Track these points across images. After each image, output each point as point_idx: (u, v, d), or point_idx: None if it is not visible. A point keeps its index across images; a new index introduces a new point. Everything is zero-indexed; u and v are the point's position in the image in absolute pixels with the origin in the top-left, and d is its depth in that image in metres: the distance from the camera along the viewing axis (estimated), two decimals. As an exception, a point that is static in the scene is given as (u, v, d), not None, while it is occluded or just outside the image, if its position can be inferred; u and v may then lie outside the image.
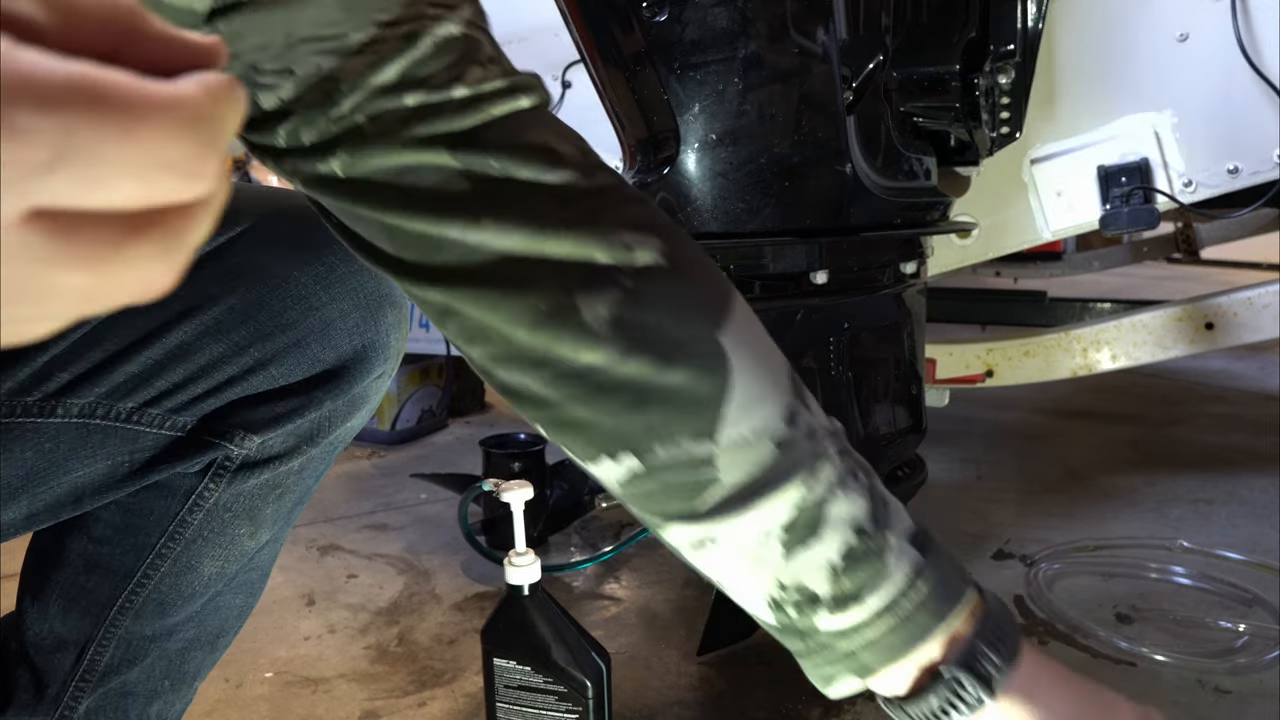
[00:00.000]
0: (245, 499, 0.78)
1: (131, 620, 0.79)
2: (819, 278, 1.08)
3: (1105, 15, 1.39)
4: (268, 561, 0.87)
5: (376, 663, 1.32)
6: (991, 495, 1.94)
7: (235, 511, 0.78)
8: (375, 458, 2.33)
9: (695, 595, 1.50)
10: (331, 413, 0.76)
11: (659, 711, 1.19)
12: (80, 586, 0.79)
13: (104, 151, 0.21)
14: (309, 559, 1.69)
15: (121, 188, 0.21)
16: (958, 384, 1.66)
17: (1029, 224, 1.50)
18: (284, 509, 0.82)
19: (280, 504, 0.81)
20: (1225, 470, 2.05)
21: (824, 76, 1.04)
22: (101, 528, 0.78)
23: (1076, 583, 1.52)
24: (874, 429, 1.19)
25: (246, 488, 0.77)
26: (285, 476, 0.79)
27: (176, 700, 0.87)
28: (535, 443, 1.72)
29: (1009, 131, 1.33)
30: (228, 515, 0.78)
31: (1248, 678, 1.22)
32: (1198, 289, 1.70)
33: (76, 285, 0.22)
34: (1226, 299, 1.51)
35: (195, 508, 0.76)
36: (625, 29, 0.99)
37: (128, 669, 0.81)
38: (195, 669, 0.86)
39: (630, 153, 1.07)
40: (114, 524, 0.78)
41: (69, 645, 0.79)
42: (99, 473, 0.71)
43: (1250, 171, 1.34)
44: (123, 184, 0.21)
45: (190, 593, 0.80)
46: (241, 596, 0.86)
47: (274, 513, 0.81)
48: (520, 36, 1.87)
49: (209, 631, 0.85)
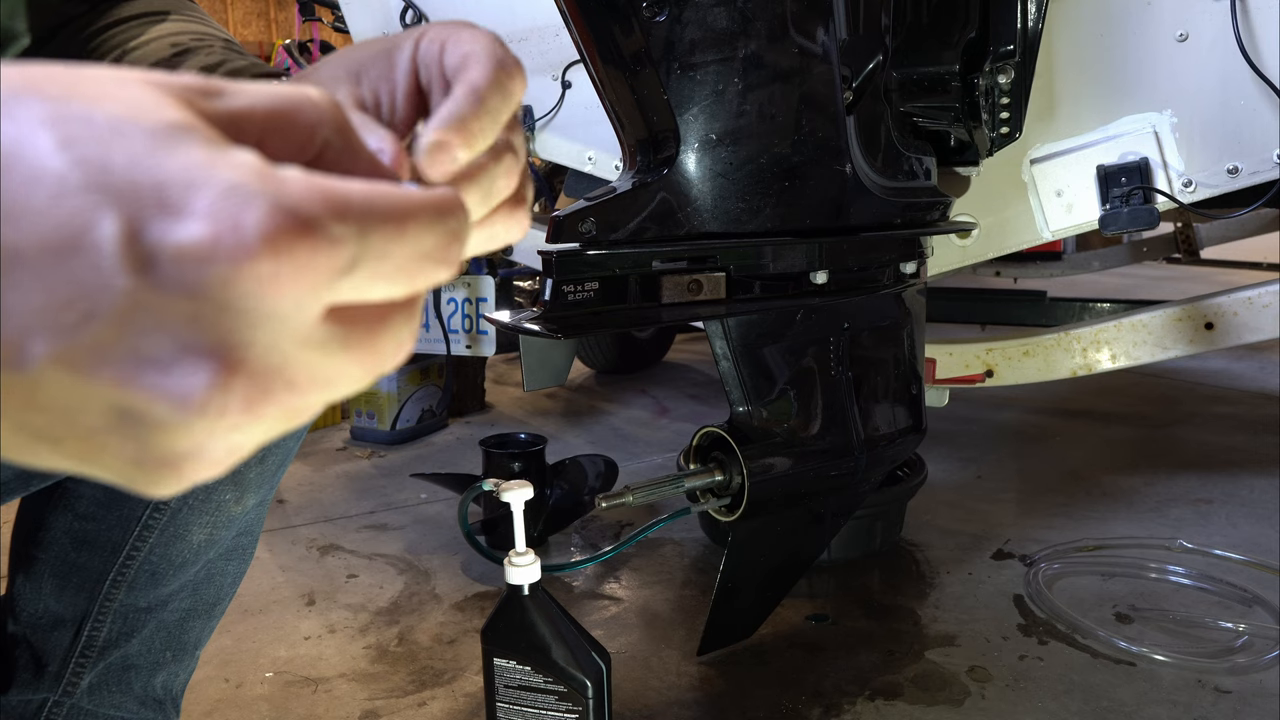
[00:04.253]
0: None
1: (125, 592, 0.80)
2: (819, 278, 1.08)
3: (1105, 15, 1.39)
4: (256, 525, 0.88)
5: (376, 662, 1.32)
6: (991, 495, 1.94)
7: (218, 477, 0.78)
8: (375, 458, 2.33)
9: (695, 595, 1.50)
10: None
11: (659, 711, 1.19)
12: (71, 563, 0.79)
13: (387, 250, 0.25)
14: (309, 559, 1.69)
15: (398, 279, 0.26)
16: (958, 384, 1.66)
17: (1029, 224, 1.50)
18: (267, 472, 0.82)
19: (263, 467, 0.81)
20: (1225, 470, 2.05)
21: (824, 76, 1.04)
22: (85, 504, 0.78)
23: (1076, 583, 1.52)
24: (874, 429, 1.19)
25: None
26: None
27: (180, 670, 0.87)
28: (535, 443, 1.72)
29: (1009, 131, 1.33)
30: (211, 481, 0.78)
31: (1247, 678, 1.22)
32: (1198, 289, 1.70)
33: (359, 371, 0.26)
34: (1226, 299, 1.51)
35: None
36: (625, 29, 0.99)
37: (126, 641, 0.82)
38: (195, 638, 0.87)
39: (630, 153, 1.07)
40: (98, 499, 0.78)
41: (66, 622, 0.80)
42: None
43: (1250, 171, 1.34)
44: (399, 276, 0.26)
45: (181, 561, 0.81)
46: (235, 563, 0.87)
47: (257, 476, 0.81)
48: (520, 36, 1.88)
49: (205, 600, 0.86)
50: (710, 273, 1.03)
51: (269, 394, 0.24)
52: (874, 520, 1.62)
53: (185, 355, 0.23)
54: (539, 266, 1.00)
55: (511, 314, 1.02)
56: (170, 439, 0.23)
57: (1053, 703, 1.17)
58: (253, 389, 0.24)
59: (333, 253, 0.24)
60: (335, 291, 0.24)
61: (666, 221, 1.01)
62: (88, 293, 0.22)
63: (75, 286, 0.22)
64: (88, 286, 0.22)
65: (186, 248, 0.22)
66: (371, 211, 0.25)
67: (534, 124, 1.92)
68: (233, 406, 0.23)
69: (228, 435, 0.24)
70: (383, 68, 0.38)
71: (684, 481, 1.14)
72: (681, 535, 1.74)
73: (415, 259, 0.26)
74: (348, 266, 0.24)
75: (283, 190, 0.23)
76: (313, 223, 0.23)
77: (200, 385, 0.23)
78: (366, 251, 0.25)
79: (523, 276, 2.54)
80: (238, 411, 0.24)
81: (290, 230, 0.23)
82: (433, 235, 0.26)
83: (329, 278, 0.24)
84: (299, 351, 0.24)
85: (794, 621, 1.41)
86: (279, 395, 0.24)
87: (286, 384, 0.24)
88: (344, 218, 0.24)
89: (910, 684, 1.23)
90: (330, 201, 0.24)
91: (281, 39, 5.91)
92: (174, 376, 0.23)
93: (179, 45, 0.59)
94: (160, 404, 0.23)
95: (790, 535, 1.27)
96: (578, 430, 2.57)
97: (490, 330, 2.19)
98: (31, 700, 0.80)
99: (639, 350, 3.23)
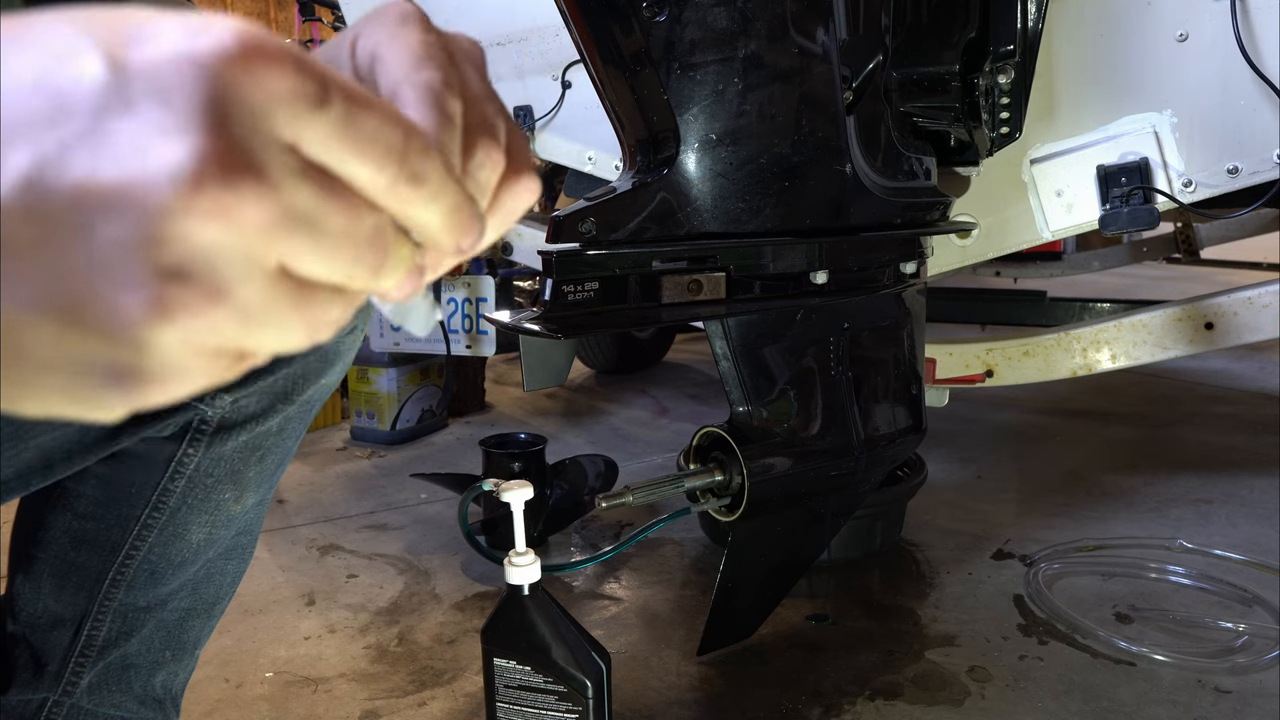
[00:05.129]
0: (226, 463, 0.78)
1: (125, 592, 0.80)
2: (819, 278, 1.08)
3: (1105, 15, 1.39)
4: (256, 525, 0.87)
5: (376, 662, 1.32)
6: (991, 495, 1.94)
7: (218, 476, 0.78)
8: (375, 458, 2.33)
9: (695, 595, 1.50)
10: (304, 369, 0.77)
11: (659, 711, 1.19)
12: (70, 562, 0.79)
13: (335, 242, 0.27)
14: (309, 559, 1.69)
15: (335, 259, 0.28)
16: (958, 384, 1.66)
17: (1029, 224, 1.50)
18: (266, 471, 0.82)
19: (262, 466, 0.81)
20: (1225, 470, 2.05)
21: (824, 76, 1.04)
22: (85, 503, 0.78)
23: (1076, 583, 1.52)
24: (874, 429, 1.19)
25: (226, 451, 0.77)
26: (264, 438, 0.79)
27: (180, 670, 0.87)
28: (535, 443, 1.73)
29: (1009, 131, 1.33)
30: (210, 480, 0.78)
31: (1247, 678, 1.22)
32: (1198, 289, 1.70)
33: (297, 326, 0.28)
34: (1226, 299, 1.51)
35: (177, 475, 0.77)
36: (625, 29, 0.99)
37: (126, 641, 0.81)
38: (195, 637, 0.87)
39: (630, 153, 1.07)
40: (96, 499, 0.78)
41: (65, 622, 0.80)
42: (69, 436, 0.71)
43: (1250, 171, 1.34)
44: (337, 267, 0.28)
45: (180, 560, 0.81)
46: (234, 562, 0.87)
47: (257, 475, 0.81)
48: (520, 36, 1.88)
49: (205, 599, 0.86)
50: (710, 273, 1.03)
51: (246, 176, 0.25)
52: (874, 520, 1.62)
53: (161, 135, 0.24)
54: (539, 266, 1.00)
55: (511, 314, 1.02)
56: (153, 234, 0.24)
57: (1053, 703, 1.17)
58: (230, 166, 0.24)
59: (302, 80, 0.26)
60: (287, 240, 0.26)
61: (666, 221, 1.01)
62: (65, 97, 0.24)
63: (54, 96, 0.24)
64: (65, 93, 0.24)
65: (161, 47, 0.25)
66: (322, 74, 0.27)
67: (534, 124, 1.92)
68: (209, 181, 0.24)
69: (210, 236, 0.25)
70: None
71: (684, 481, 1.14)
72: (681, 535, 1.74)
73: (348, 261, 0.28)
74: (319, 98, 0.26)
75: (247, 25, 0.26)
76: (278, 44, 0.25)
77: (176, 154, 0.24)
78: (331, 96, 0.26)
79: (523, 276, 2.54)
80: (216, 187, 0.24)
81: (261, 40, 0.25)
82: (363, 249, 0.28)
83: (300, 102, 0.26)
84: (274, 151, 0.25)
85: (794, 621, 1.41)
86: (256, 184, 0.25)
87: (262, 176, 0.25)
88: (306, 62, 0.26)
89: (910, 684, 1.23)
90: (297, 58, 0.26)
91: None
92: (150, 154, 0.24)
93: None
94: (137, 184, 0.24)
95: (790, 535, 1.27)
96: (578, 430, 2.57)
97: (490, 330, 2.19)
98: (31, 700, 0.80)
99: (639, 350, 3.23)
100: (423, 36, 0.34)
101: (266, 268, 0.26)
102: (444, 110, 0.33)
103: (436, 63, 0.33)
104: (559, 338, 0.96)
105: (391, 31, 0.34)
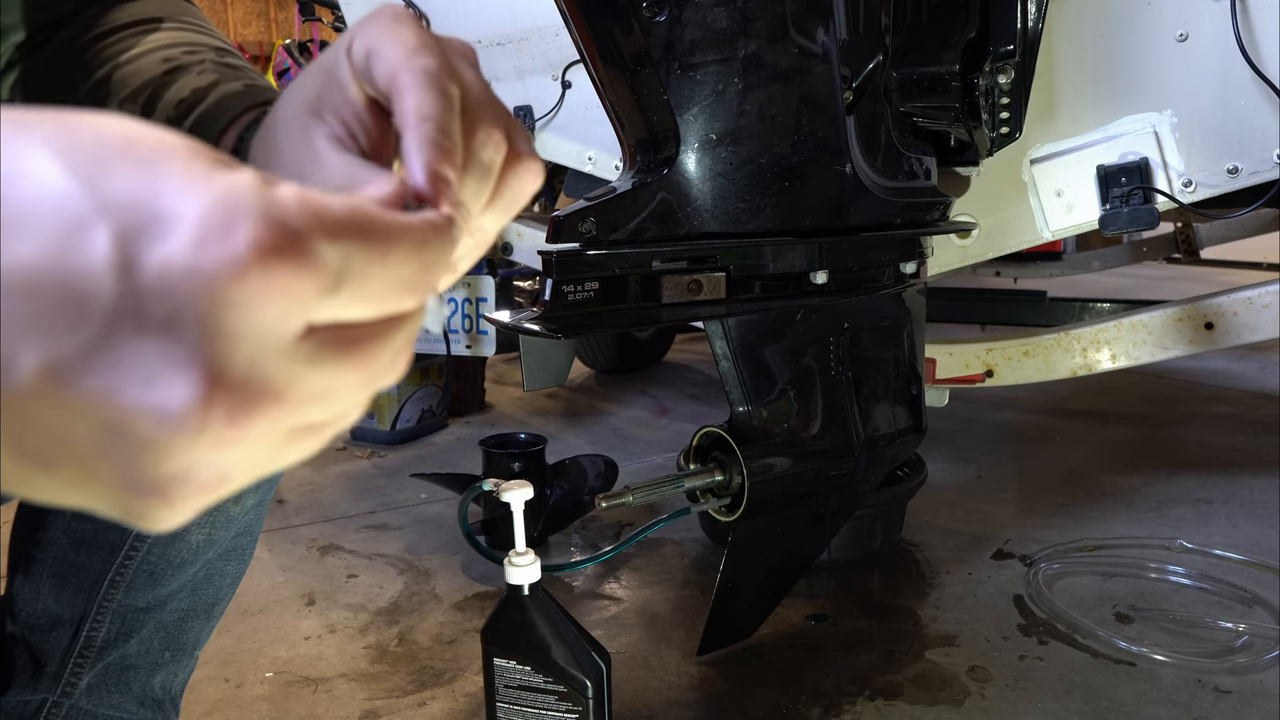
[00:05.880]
0: None
1: (124, 593, 0.80)
2: (819, 278, 1.08)
3: (1105, 15, 1.39)
4: (255, 525, 0.87)
5: (376, 662, 1.32)
6: (991, 495, 1.94)
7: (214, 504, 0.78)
8: (375, 458, 2.33)
9: (695, 595, 1.50)
10: None
11: (659, 711, 1.19)
12: (69, 563, 0.79)
13: (369, 273, 0.26)
14: (309, 559, 1.69)
15: (376, 303, 0.26)
16: (958, 384, 1.66)
17: (1029, 224, 1.50)
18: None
19: None
20: (1225, 470, 2.05)
21: (824, 76, 1.04)
22: None
23: (1076, 583, 1.52)
24: (874, 429, 1.19)
25: None
26: None
27: (179, 671, 0.87)
28: (535, 443, 1.72)
29: (1009, 131, 1.33)
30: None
31: (1247, 678, 1.22)
32: (1198, 289, 1.70)
33: (354, 383, 0.27)
34: (1226, 299, 1.50)
35: None
36: (625, 29, 0.99)
37: (125, 642, 0.81)
38: (194, 638, 0.87)
39: (630, 153, 1.07)
40: None
41: (64, 622, 0.80)
42: None
43: (1250, 171, 1.34)
44: (378, 300, 0.26)
45: (180, 561, 0.81)
46: (234, 563, 0.87)
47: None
48: (520, 36, 1.88)
49: (204, 600, 0.86)
50: (710, 273, 1.03)
51: (253, 408, 0.24)
52: (874, 520, 1.62)
53: (168, 367, 0.23)
54: (539, 266, 1.00)
55: (511, 314, 1.02)
56: (156, 457, 0.23)
57: (1053, 703, 1.17)
58: (236, 402, 0.24)
59: (319, 272, 0.24)
60: (320, 309, 0.25)
61: (666, 221, 1.01)
62: (76, 299, 0.22)
63: (65, 293, 0.22)
64: (77, 293, 0.22)
65: (173, 255, 0.22)
66: (360, 233, 0.25)
67: (534, 124, 1.92)
68: (215, 420, 0.23)
69: (215, 454, 0.24)
70: (335, 95, 0.38)
71: (684, 481, 1.14)
72: (681, 535, 1.74)
73: (396, 285, 0.27)
74: (332, 286, 0.24)
75: (274, 206, 0.23)
76: (301, 240, 0.23)
77: (181, 396, 0.23)
78: (350, 273, 0.25)
79: (523, 276, 2.54)
80: (221, 425, 0.24)
81: (278, 247, 0.23)
82: (413, 263, 0.27)
83: (315, 295, 0.24)
84: (283, 366, 0.24)
85: (794, 621, 1.41)
86: (265, 409, 0.24)
87: (273, 399, 0.24)
88: (334, 237, 0.24)
89: (910, 684, 1.23)
90: (321, 219, 0.24)
91: (281, 39, 5.91)
92: (156, 388, 0.23)
93: (171, 60, 0.57)
94: (143, 416, 0.23)
95: (790, 535, 1.27)
96: (578, 430, 2.57)
97: (490, 330, 2.19)
98: (30, 700, 0.80)
99: (639, 350, 3.23)
100: (417, 31, 0.35)
101: (277, 440, 0.26)
102: (443, 91, 0.33)
103: (432, 51, 0.34)
104: (559, 338, 0.96)
105: (386, 28, 0.35)
